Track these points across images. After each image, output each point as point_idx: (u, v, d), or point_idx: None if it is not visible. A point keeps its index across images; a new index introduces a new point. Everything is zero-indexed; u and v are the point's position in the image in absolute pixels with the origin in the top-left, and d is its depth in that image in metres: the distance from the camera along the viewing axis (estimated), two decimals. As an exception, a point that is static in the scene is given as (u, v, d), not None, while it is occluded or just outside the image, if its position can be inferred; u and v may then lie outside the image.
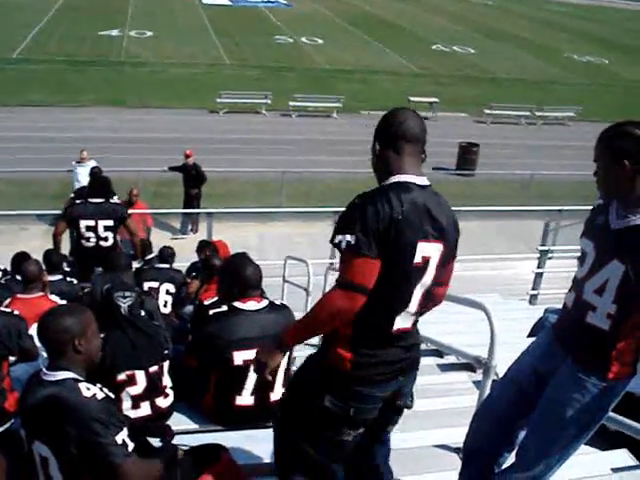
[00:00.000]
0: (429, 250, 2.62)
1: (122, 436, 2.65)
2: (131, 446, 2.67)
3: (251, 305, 4.18)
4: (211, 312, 4.17)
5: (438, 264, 2.67)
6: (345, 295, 2.49)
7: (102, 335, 4.00)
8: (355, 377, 2.67)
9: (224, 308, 4.17)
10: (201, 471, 2.87)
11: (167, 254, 7.66)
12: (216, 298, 4.55)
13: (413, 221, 2.54)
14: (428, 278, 2.67)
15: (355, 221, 2.50)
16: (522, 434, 3.00)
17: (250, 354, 4.06)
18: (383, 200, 2.51)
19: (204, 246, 7.81)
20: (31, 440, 2.72)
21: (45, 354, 4.51)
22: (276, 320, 4.18)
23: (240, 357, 4.06)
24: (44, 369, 2.78)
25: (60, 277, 6.62)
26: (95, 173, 11.83)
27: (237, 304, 4.17)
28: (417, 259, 2.58)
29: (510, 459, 3.10)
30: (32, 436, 2.72)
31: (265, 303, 4.24)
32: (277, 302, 4.41)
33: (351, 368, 2.65)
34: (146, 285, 6.89)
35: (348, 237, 2.49)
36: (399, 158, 2.64)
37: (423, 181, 2.65)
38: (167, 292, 6.97)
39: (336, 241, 2.53)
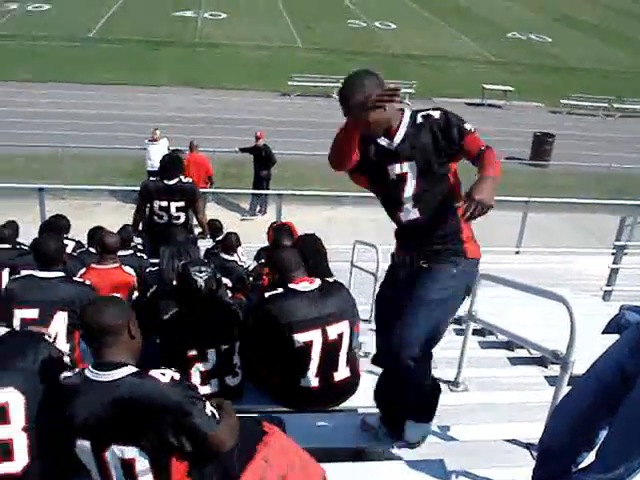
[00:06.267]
0: None
1: (209, 407, 2.62)
2: (217, 413, 2.65)
3: (305, 286, 4.12)
4: (267, 295, 4.13)
5: None
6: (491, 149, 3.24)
7: (176, 310, 4.05)
8: None
9: (279, 290, 4.12)
10: (255, 443, 2.83)
11: (229, 244, 7.69)
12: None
13: None
14: None
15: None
16: (603, 434, 2.86)
17: (310, 335, 4.02)
18: None
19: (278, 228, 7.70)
20: (104, 447, 2.58)
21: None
22: (333, 298, 4.13)
23: (301, 339, 3.99)
24: (93, 370, 2.62)
25: (130, 252, 6.71)
26: (170, 154, 12.08)
27: (291, 285, 4.11)
28: None
29: (589, 459, 2.98)
30: (107, 442, 2.58)
31: (318, 283, 4.17)
32: (330, 280, 4.33)
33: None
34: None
35: (468, 125, 3.26)
36: None
37: None
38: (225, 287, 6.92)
39: (468, 127, 3.26)
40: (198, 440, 2.59)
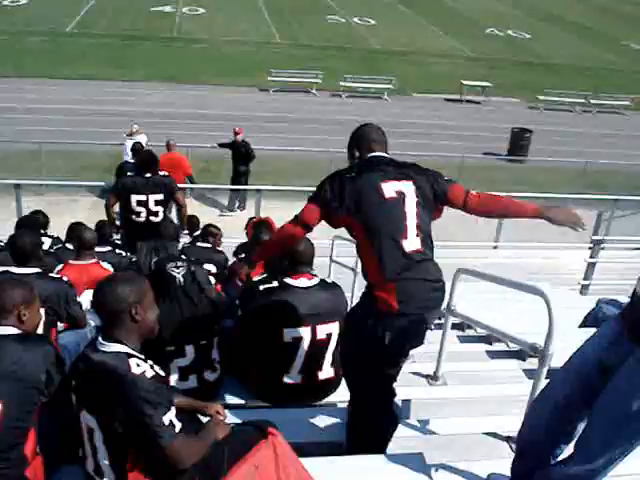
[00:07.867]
0: None
1: (169, 417, 2.58)
2: (178, 426, 2.60)
3: (302, 282, 4.09)
4: (261, 288, 4.09)
5: None
6: None
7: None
8: None
9: (274, 284, 4.09)
10: (248, 448, 2.81)
11: (209, 232, 7.62)
12: (265, 274, 4.49)
13: None
14: None
15: None
16: (581, 426, 2.88)
17: (300, 332, 4.01)
18: None
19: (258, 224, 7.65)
20: (79, 408, 2.69)
21: (94, 322, 4.54)
22: (327, 298, 4.11)
23: (289, 334, 3.98)
24: (100, 338, 2.72)
25: (109, 249, 6.64)
26: (138, 149, 11.91)
27: (288, 280, 4.08)
28: None
29: (567, 450, 2.99)
30: (80, 404, 2.69)
31: (316, 280, 4.15)
32: (328, 280, 4.31)
33: None
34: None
35: None
36: None
37: None
38: (209, 273, 6.90)
39: None
40: (148, 445, 2.57)
